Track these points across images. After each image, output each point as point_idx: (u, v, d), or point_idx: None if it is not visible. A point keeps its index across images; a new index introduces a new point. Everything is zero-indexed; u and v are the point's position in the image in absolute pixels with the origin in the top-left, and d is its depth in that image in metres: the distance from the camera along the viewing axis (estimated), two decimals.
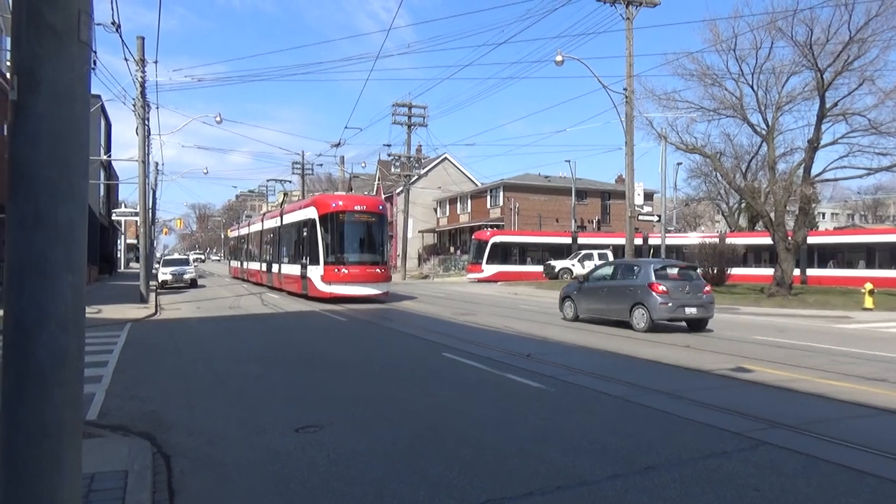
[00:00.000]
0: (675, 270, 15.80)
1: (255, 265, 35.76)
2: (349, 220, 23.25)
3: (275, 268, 30.12)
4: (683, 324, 15.52)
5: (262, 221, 34.49)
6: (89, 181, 35.16)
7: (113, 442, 5.87)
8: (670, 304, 14.73)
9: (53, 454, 2.31)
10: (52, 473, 2.29)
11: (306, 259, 24.15)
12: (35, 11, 2.36)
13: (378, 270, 23.25)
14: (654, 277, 15.11)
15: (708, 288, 15.66)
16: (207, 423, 6.77)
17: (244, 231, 41.94)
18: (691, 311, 14.90)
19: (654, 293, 14.86)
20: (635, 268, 16.16)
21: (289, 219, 27.95)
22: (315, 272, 22.95)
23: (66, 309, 2.34)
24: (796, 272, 29.69)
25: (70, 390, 2.37)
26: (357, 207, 23.47)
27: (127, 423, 6.64)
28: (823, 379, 9.20)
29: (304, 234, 24.60)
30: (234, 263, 46.56)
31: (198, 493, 4.83)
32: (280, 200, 42.39)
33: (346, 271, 22.42)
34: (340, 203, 23.53)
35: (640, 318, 15.08)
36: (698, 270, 17.91)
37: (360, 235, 23.77)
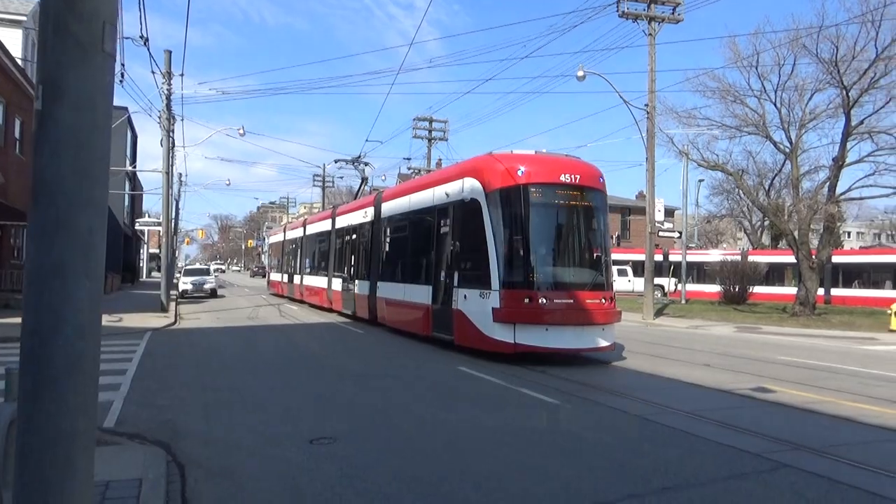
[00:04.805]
0: None
1: (318, 281, 25.72)
2: (549, 201, 12.56)
3: (360, 287, 19.87)
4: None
5: (333, 218, 24.45)
6: (114, 191, 35.87)
7: (129, 450, 5.90)
8: None
9: (67, 460, 2.32)
10: (65, 479, 2.30)
11: (452, 278, 13.27)
12: (60, 22, 2.41)
13: (602, 301, 12.24)
14: None
15: None
16: (223, 432, 6.79)
17: (295, 234, 31.53)
18: None
19: None
20: None
21: (402, 205, 17.27)
22: (480, 304, 12.20)
23: (82, 315, 2.36)
24: (820, 292, 29.23)
25: (84, 397, 2.38)
26: (564, 178, 12.48)
27: (143, 432, 6.68)
28: (848, 401, 9.00)
29: (448, 229, 13.87)
30: (278, 277, 35.18)
31: (211, 502, 4.83)
32: (359, 193, 29.10)
33: (546, 302, 11.71)
34: (526, 168, 12.33)
35: None
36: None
37: (568, 232, 12.95)
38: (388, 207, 18.47)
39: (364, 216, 20.58)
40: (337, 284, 22.84)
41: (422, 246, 15.57)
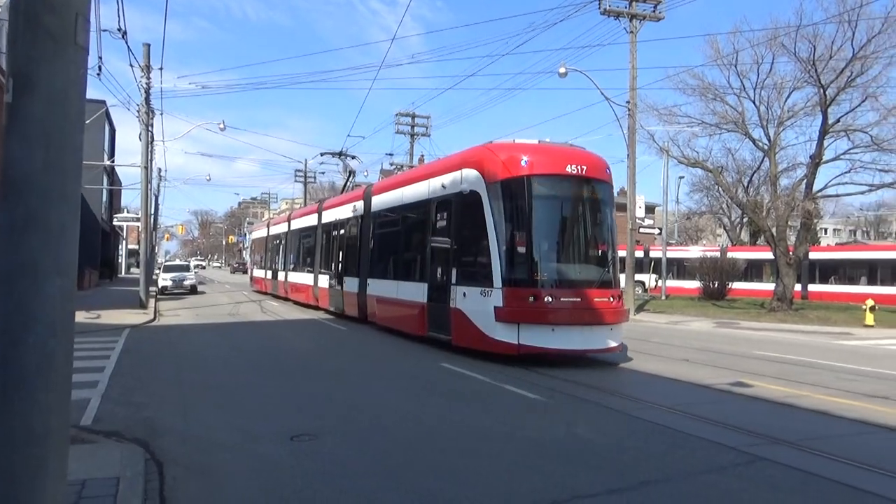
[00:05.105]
0: None
1: (304, 278, 25.05)
2: (555, 193, 11.95)
3: (349, 284, 19.20)
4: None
5: (320, 212, 23.80)
6: (92, 186, 35.28)
7: (106, 448, 5.83)
8: None
9: (39, 460, 2.28)
10: (36, 479, 2.26)
11: (450, 274, 12.67)
12: (32, 15, 2.35)
13: (610, 299, 11.63)
14: None
15: None
16: (202, 430, 6.73)
17: (279, 229, 30.75)
18: None
19: None
20: None
21: (394, 198, 16.56)
22: (481, 302, 11.60)
23: (54, 313, 2.32)
24: (797, 287, 29.64)
25: (57, 395, 2.34)
26: (570, 168, 11.83)
27: (121, 430, 6.60)
28: (824, 395, 9.14)
29: (445, 222, 13.31)
30: (261, 273, 34.48)
31: (189, 500, 4.78)
32: (347, 185, 27.48)
33: (552, 300, 11.16)
34: (530, 158, 11.75)
35: None
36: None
37: (575, 227, 12.38)
38: (379, 201, 17.73)
39: (353, 210, 19.79)
40: (324, 281, 22.12)
41: (416, 240, 14.93)
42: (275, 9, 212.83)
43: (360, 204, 19.22)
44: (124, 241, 65.88)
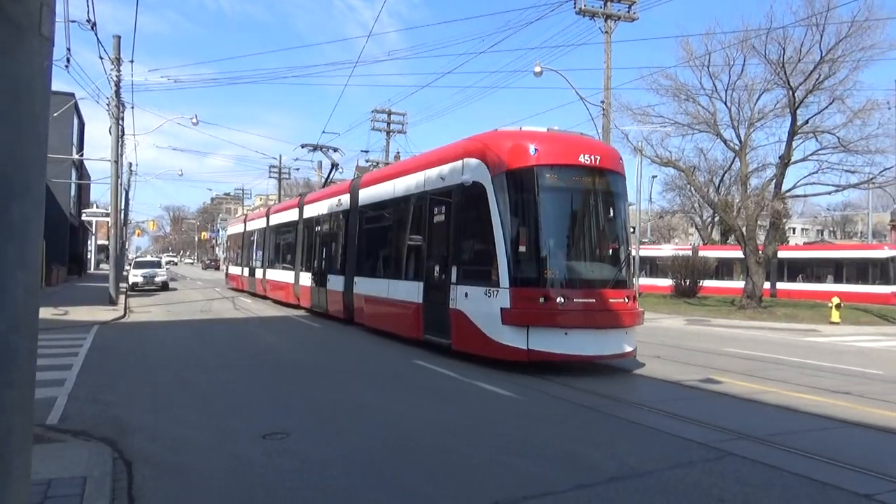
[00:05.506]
0: None
1: (283, 275, 24.26)
2: (566, 185, 11.11)
3: (334, 283, 18.22)
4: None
5: (301, 206, 22.87)
6: (60, 180, 34.55)
7: (73, 447, 5.73)
8: None
9: (1, 458, 2.23)
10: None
11: (449, 273, 11.81)
12: None
13: (625, 300, 10.88)
14: None
15: None
16: (172, 428, 6.65)
17: (257, 224, 29.94)
18: None
19: None
20: None
21: (385, 191, 15.58)
22: (486, 303, 10.78)
23: (16, 308, 2.26)
24: (766, 285, 30.21)
25: (20, 393, 2.29)
26: (583, 159, 10.99)
27: (89, 428, 6.48)
28: (790, 391, 9.34)
29: (444, 217, 12.43)
30: (237, 270, 33.58)
31: (158, 500, 4.72)
32: (328, 176, 26.76)
33: (565, 301, 10.27)
34: (539, 147, 10.89)
35: None
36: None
37: (588, 222, 11.50)
38: (368, 194, 16.69)
39: (338, 204, 18.73)
40: (305, 279, 21.13)
41: (411, 236, 13.88)
42: (250, 2, 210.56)
43: (346, 197, 18.20)
44: (94, 237, 64.65)
